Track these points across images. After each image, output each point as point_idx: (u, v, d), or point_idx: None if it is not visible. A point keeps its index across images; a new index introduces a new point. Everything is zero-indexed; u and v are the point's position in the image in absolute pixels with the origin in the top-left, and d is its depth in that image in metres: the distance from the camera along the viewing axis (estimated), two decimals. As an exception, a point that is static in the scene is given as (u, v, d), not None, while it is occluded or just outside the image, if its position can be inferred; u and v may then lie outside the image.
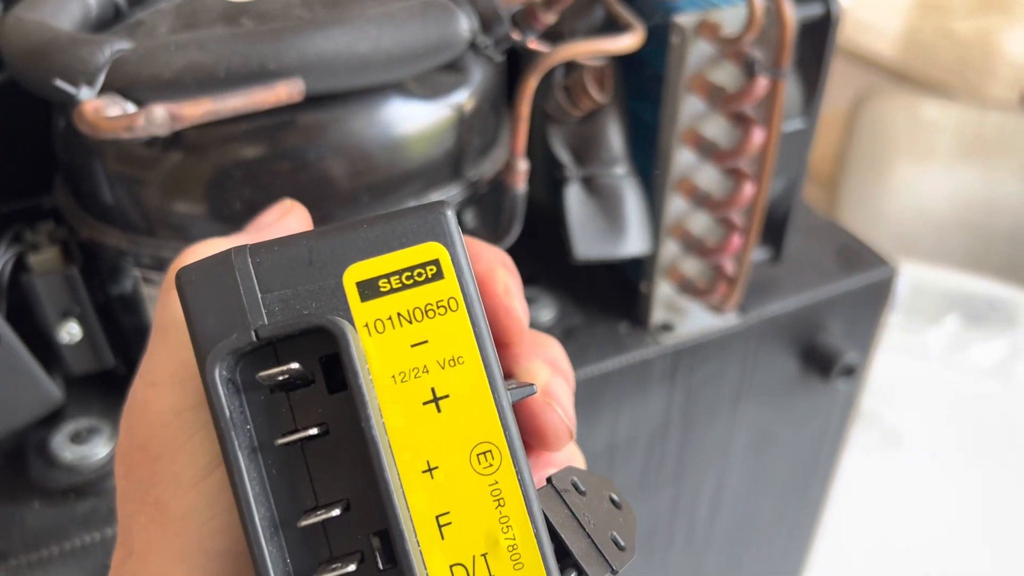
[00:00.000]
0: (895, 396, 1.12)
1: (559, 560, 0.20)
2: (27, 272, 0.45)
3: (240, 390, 0.20)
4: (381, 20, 0.40)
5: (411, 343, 0.19)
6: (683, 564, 0.70)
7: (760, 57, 0.46)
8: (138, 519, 0.21)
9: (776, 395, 0.63)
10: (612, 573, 0.21)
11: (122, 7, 0.46)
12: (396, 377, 0.19)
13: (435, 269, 0.20)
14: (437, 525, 0.19)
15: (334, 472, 0.20)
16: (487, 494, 0.19)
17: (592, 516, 0.22)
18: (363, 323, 0.19)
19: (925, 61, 1.63)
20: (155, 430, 0.21)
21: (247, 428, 0.19)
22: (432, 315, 0.20)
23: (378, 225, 0.20)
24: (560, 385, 0.24)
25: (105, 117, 0.37)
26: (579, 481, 0.23)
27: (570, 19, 0.48)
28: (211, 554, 0.20)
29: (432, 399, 0.19)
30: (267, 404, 0.20)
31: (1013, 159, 1.44)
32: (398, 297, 0.20)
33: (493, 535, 0.19)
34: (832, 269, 0.61)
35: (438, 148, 0.45)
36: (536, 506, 0.20)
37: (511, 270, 0.25)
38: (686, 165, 0.50)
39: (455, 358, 0.20)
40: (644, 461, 0.59)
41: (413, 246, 0.20)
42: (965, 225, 1.45)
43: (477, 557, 0.19)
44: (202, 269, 0.19)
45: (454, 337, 0.20)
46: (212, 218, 0.42)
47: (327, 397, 0.20)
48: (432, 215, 0.20)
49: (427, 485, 0.19)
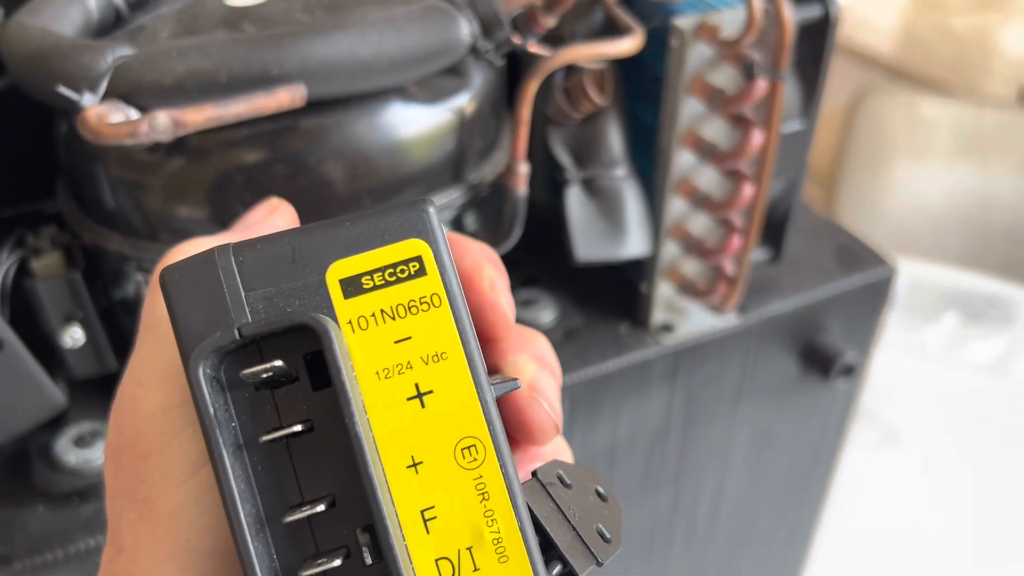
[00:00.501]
0: (894, 394, 1.12)
1: (544, 553, 0.20)
2: (30, 277, 0.45)
3: (225, 388, 0.20)
4: (382, 25, 0.40)
5: (394, 339, 0.20)
6: (684, 563, 0.70)
7: (759, 59, 0.46)
8: (127, 516, 0.21)
9: (776, 395, 0.63)
10: (597, 565, 0.21)
11: (123, 12, 0.46)
12: (380, 373, 0.20)
13: (418, 266, 0.20)
14: (422, 519, 0.19)
15: (319, 468, 0.20)
16: (472, 488, 0.20)
17: (577, 509, 0.22)
18: (346, 320, 0.20)
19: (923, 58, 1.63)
20: (143, 428, 0.21)
21: (232, 425, 0.19)
22: (415, 311, 0.20)
23: (361, 222, 0.20)
24: (546, 379, 0.24)
25: (108, 123, 0.37)
26: (564, 474, 0.23)
27: (570, 22, 0.48)
28: (199, 551, 0.20)
29: (416, 395, 0.20)
30: (252, 402, 0.20)
31: (1011, 156, 1.44)
32: (381, 294, 0.20)
33: (478, 529, 0.20)
34: (831, 269, 0.61)
35: (439, 152, 0.45)
36: (520, 499, 0.20)
37: (497, 266, 0.25)
38: (686, 167, 0.50)
39: (438, 354, 0.20)
40: (645, 461, 0.60)
41: (395, 243, 0.20)
42: (963, 222, 1.45)
43: (462, 551, 0.19)
44: (186, 268, 0.20)
45: (437, 333, 0.20)
46: (214, 223, 0.42)
47: (311, 394, 0.20)
48: (414, 212, 0.20)
49: (412, 480, 0.19)
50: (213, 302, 0.19)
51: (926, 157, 1.48)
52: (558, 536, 0.21)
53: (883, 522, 1.04)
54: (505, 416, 0.22)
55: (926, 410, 1.13)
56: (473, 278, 0.24)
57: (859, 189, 1.51)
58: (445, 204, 0.46)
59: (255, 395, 0.20)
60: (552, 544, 0.21)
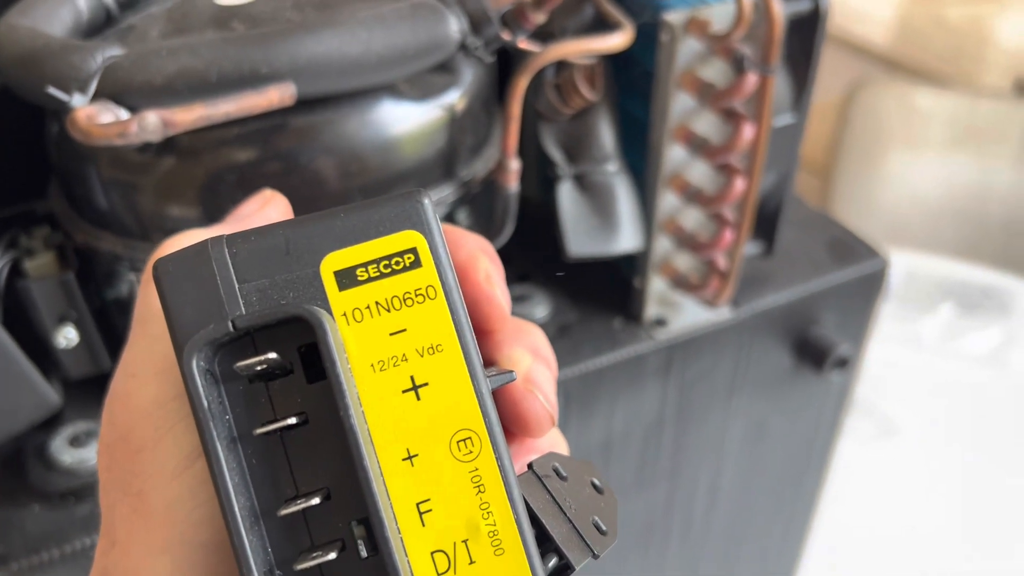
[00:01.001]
0: (889, 385, 1.12)
1: (540, 545, 0.20)
2: (23, 278, 0.45)
3: (219, 380, 0.20)
4: (371, 23, 0.40)
5: (390, 332, 0.20)
6: (680, 557, 0.70)
7: (749, 53, 0.46)
8: (120, 510, 0.21)
9: (770, 388, 0.63)
10: (593, 557, 0.21)
11: (113, 12, 0.46)
12: (375, 366, 0.20)
13: (413, 257, 0.20)
14: (418, 512, 0.19)
15: (314, 461, 0.20)
16: (467, 481, 0.20)
17: (573, 501, 0.22)
18: (341, 312, 0.19)
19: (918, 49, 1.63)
20: (137, 421, 0.21)
21: (226, 418, 0.19)
22: (410, 303, 0.20)
23: (355, 214, 0.20)
24: (542, 372, 0.24)
25: (98, 124, 0.37)
26: (560, 467, 0.23)
27: (560, 18, 0.48)
28: (194, 545, 0.20)
29: (411, 387, 0.20)
30: (246, 394, 0.20)
31: (1006, 147, 1.44)
32: (376, 286, 0.20)
33: (474, 521, 0.20)
34: (824, 262, 0.61)
35: (430, 148, 0.45)
36: (516, 492, 0.20)
37: (493, 258, 0.25)
38: (677, 161, 0.51)
39: (434, 346, 0.20)
40: (639, 456, 0.60)
41: (391, 234, 0.20)
42: (958, 213, 1.45)
43: (458, 543, 0.19)
44: (179, 260, 0.19)
45: (433, 325, 0.20)
46: (206, 222, 0.42)
47: (306, 386, 0.20)
48: (409, 203, 0.20)
49: (407, 473, 0.19)
50: (206, 294, 0.19)
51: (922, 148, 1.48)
52: (554, 529, 0.21)
53: (879, 513, 1.05)
54: (501, 409, 0.22)
55: (922, 401, 1.13)
56: (468, 270, 0.24)
57: (855, 181, 1.51)
58: (437, 201, 0.46)
59: (249, 388, 0.20)
60: (548, 536, 0.21)
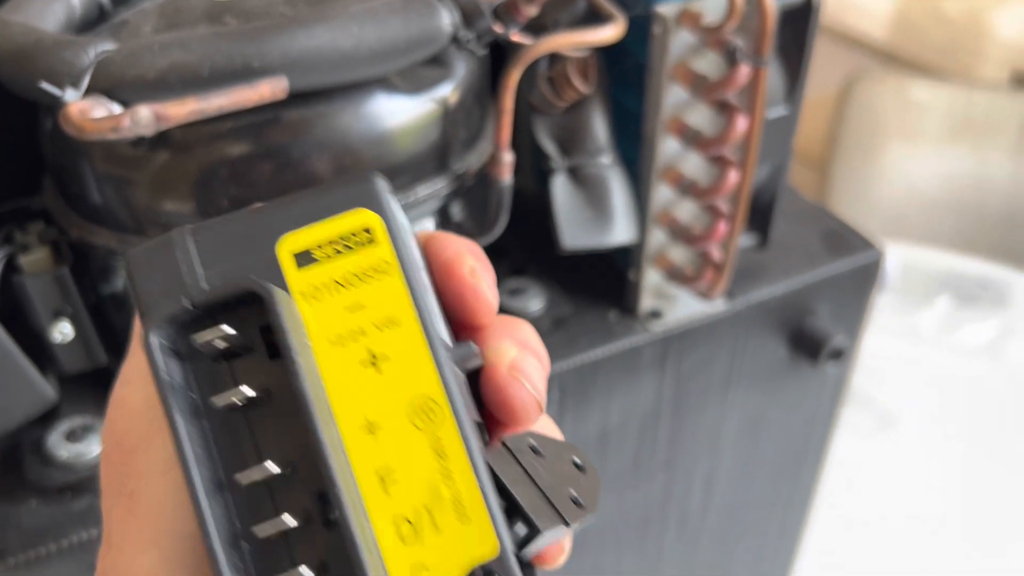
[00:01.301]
0: (887, 378, 1.12)
1: (509, 517, 0.21)
2: (18, 273, 0.45)
3: (184, 358, 0.20)
4: (363, 17, 0.41)
5: (347, 307, 0.20)
6: (677, 550, 0.70)
7: (742, 45, 0.47)
8: (116, 512, 0.22)
9: (766, 380, 0.63)
10: (565, 525, 0.21)
11: (106, 7, 0.46)
12: (334, 340, 0.20)
13: (368, 235, 0.21)
14: (380, 481, 0.20)
15: (278, 436, 0.20)
16: (428, 449, 0.20)
17: (548, 475, 0.22)
18: (300, 290, 0.20)
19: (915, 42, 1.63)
20: (130, 424, 0.22)
21: (190, 394, 0.20)
22: (367, 280, 0.20)
23: (310, 197, 0.21)
24: (529, 361, 0.24)
25: (91, 118, 0.37)
26: (537, 444, 0.23)
27: (552, 11, 0.48)
28: (181, 536, 0.21)
29: (371, 360, 0.20)
30: (210, 372, 0.21)
31: (1003, 139, 1.44)
32: (333, 264, 0.20)
33: (436, 488, 0.20)
34: (819, 253, 0.61)
35: (423, 142, 0.45)
36: (480, 458, 0.20)
37: (479, 256, 0.25)
38: (671, 153, 0.51)
39: (391, 319, 0.20)
40: (636, 448, 0.60)
41: (343, 213, 0.21)
42: (956, 206, 1.45)
43: (422, 511, 0.20)
44: (147, 250, 0.21)
45: (389, 299, 0.20)
46: (200, 216, 0.42)
47: (268, 363, 0.21)
48: (362, 183, 0.21)
49: (369, 443, 0.20)
50: (170, 278, 0.20)
51: (919, 141, 1.48)
52: (523, 498, 0.21)
53: (877, 505, 1.05)
54: (486, 396, 0.23)
55: (919, 393, 1.13)
56: (454, 266, 0.24)
57: (852, 173, 1.51)
58: (431, 194, 0.46)
59: (213, 366, 0.21)
60: (517, 506, 0.21)
